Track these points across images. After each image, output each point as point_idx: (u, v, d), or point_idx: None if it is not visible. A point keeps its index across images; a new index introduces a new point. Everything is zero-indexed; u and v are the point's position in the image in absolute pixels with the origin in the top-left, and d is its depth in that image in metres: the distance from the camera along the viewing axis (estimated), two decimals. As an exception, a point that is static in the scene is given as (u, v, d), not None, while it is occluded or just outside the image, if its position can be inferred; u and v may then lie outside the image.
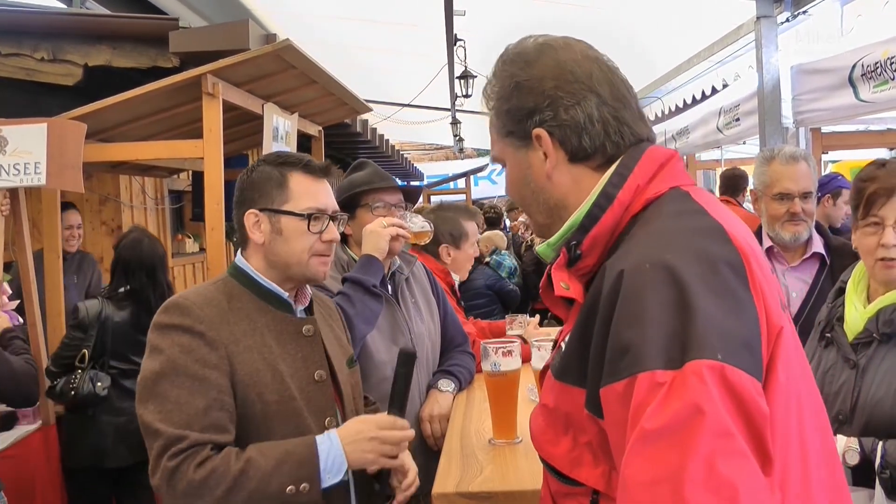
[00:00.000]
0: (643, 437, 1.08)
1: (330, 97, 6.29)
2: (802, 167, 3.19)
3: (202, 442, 1.87)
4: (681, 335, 1.10)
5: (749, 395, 1.08)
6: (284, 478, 1.88)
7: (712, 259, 1.19)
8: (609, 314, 1.19)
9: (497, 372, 2.53)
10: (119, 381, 4.31)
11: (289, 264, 2.11)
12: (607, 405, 1.18)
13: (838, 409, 2.43)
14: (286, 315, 2.14)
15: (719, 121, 7.52)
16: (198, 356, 1.94)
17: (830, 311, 2.60)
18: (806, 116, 5.90)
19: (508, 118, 1.46)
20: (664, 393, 1.08)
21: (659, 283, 1.16)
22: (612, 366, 1.17)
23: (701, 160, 11.34)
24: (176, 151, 4.97)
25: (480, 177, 20.64)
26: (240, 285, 2.12)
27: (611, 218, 1.34)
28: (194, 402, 1.90)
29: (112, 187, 6.74)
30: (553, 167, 1.42)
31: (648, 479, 1.06)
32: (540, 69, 1.42)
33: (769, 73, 5.97)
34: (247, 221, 2.12)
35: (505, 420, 2.55)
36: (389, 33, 9.16)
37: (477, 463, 2.37)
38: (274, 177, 2.12)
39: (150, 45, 5.34)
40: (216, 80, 4.43)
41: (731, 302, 1.15)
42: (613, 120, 1.40)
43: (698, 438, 1.04)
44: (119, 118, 4.92)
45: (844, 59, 5.31)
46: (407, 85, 11.01)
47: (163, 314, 2.00)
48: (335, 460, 1.95)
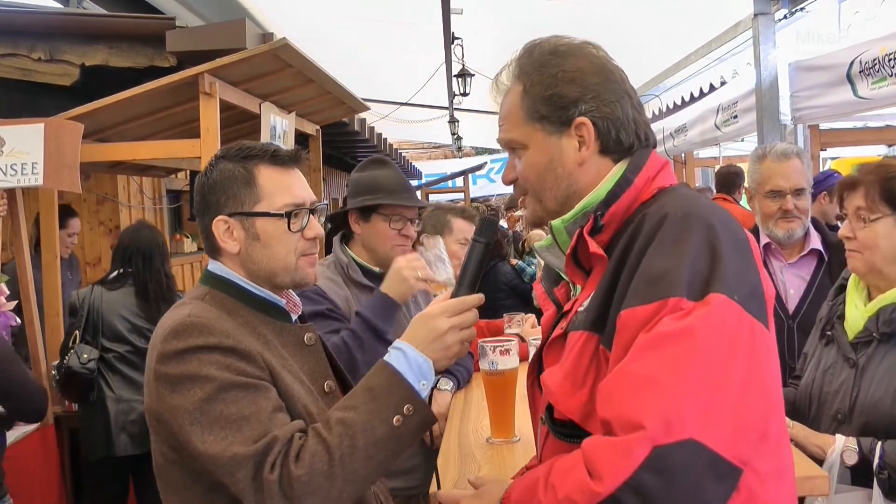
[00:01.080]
0: (655, 339, 1.27)
1: (327, 96, 6.28)
2: (794, 164, 3.19)
3: (290, 437, 1.63)
4: (707, 275, 1.31)
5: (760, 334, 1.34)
6: (384, 413, 1.66)
7: (733, 226, 1.42)
8: (644, 247, 1.37)
9: (495, 371, 2.52)
10: (117, 367, 4.42)
11: (274, 271, 1.87)
12: (623, 327, 1.33)
13: (837, 408, 2.43)
14: (285, 324, 1.92)
15: (717, 118, 7.53)
16: (239, 370, 1.69)
17: (831, 309, 2.59)
18: (804, 113, 5.91)
19: (547, 103, 1.55)
20: (684, 312, 1.27)
21: (696, 229, 1.36)
22: (641, 290, 1.33)
23: (699, 158, 11.34)
24: (173, 151, 4.98)
25: (478, 175, 20.61)
26: (230, 297, 1.86)
27: (626, 199, 1.50)
28: (262, 407, 1.66)
29: (110, 187, 6.73)
30: (588, 156, 1.54)
31: (648, 378, 1.24)
32: (582, 64, 1.55)
33: (767, 70, 5.98)
34: (216, 230, 1.85)
35: (503, 419, 2.54)
36: (387, 32, 9.16)
37: (475, 462, 2.36)
38: (239, 174, 1.86)
39: (147, 45, 5.32)
40: (213, 79, 4.43)
41: (747, 259, 1.39)
42: (641, 122, 1.57)
43: (703, 344, 1.25)
44: (116, 118, 4.93)
45: (842, 55, 5.32)
46: (405, 83, 11.02)
47: (177, 340, 1.70)
48: (420, 366, 1.72)
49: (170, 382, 1.69)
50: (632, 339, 1.31)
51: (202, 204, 1.90)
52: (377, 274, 2.96)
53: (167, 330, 1.73)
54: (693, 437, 1.20)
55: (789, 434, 2.38)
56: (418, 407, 1.69)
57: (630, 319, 1.32)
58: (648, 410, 1.22)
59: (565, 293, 1.68)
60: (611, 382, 1.31)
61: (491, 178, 22.13)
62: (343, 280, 2.92)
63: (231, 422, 1.63)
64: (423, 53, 9.56)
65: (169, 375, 1.69)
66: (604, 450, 1.26)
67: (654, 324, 1.28)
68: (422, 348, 1.73)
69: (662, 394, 1.23)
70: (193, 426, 1.64)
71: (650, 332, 1.28)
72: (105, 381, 4.41)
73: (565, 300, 1.66)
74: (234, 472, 1.60)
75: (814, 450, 2.34)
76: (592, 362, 1.43)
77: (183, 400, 1.66)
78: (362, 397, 1.69)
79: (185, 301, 1.87)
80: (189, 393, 1.66)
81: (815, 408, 2.53)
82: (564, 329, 1.55)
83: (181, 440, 1.67)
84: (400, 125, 13.50)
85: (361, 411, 1.67)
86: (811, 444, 2.36)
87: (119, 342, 4.43)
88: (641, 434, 1.21)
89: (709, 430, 1.21)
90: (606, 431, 1.29)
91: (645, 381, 1.25)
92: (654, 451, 1.20)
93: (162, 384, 1.70)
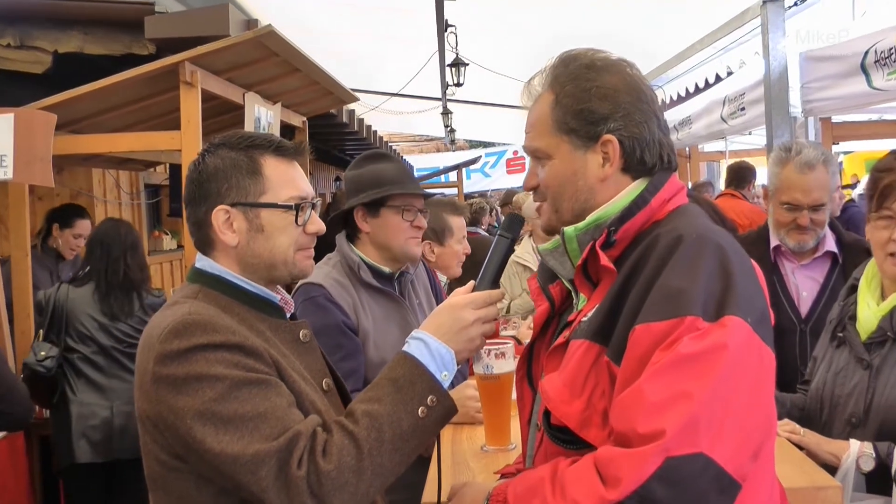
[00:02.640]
0: (676, 360, 1.37)
1: (314, 86, 6.28)
2: (817, 176, 3.07)
3: (312, 431, 1.64)
4: (720, 296, 1.42)
5: (767, 359, 1.46)
6: (410, 405, 1.70)
7: (740, 250, 1.54)
8: (659, 266, 1.47)
9: (490, 375, 2.51)
10: (81, 369, 4.44)
11: (273, 264, 1.88)
12: (636, 343, 1.43)
13: (851, 412, 2.43)
14: (280, 321, 1.93)
15: (723, 110, 7.53)
16: (248, 367, 1.68)
17: (842, 310, 2.59)
18: (815, 105, 5.90)
19: (577, 117, 1.64)
20: (702, 332, 1.38)
21: (710, 251, 1.48)
22: (657, 307, 1.43)
23: (704, 151, 11.38)
24: (152, 143, 4.96)
25: (473, 169, 20.61)
26: (223, 295, 1.85)
27: (641, 218, 1.60)
28: (277, 403, 1.66)
29: (84, 181, 6.70)
30: (611, 173, 1.64)
31: (667, 396, 1.35)
32: (616, 82, 1.65)
33: (776, 60, 5.98)
34: (215, 220, 1.84)
35: (498, 425, 2.54)
36: (377, 19, 9.14)
37: (469, 471, 2.35)
38: (242, 163, 1.86)
39: (125, 31, 5.31)
40: (194, 68, 4.42)
41: (756, 283, 1.53)
42: (665, 144, 1.68)
43: (720, 366, 1.37)
44: (91, 108, 4.90)
45: (857, 44, 5.31)
46: (396, 73, 11.00)
47: (178, 339, 1.68)
48: (442, 357, 1.76)
49: (174, 384, 1.66)
50: (645, 354, 1.42)
51: (198, 193, 1.88)
52: (387, 275, 2.97)
53: (166, 329, 1.70)
54: (703, 452, 1.33)
55: (801, 442, 2.39)
56: (441, 398, 1.73)
57: (644, 334, 1.43)
58: (667, 421, 1.34)
59: (560, 290, 1.79)
60: (628, 398, 1.41)
61: (486, 172, 22.18)
62: (351, 282, 2.90)
63: (248, 419, 1.62)
64: (416, 41, 9.54)
65: (172, 377, 1.66)
66: (618, 458, 1.37)
67: (672, 342, 1.39)
68: (446, 339, 1.78)
69: (680, 409, 1.35)
70: (206, 427, 1.62)
71: (669, 351, 1.39)
72: (69, 385, 4.42)
73: (559, 297, 1.79)
74: (256, 471, 1.59)
75: (827, 458, 2.34)
76: (592, 371, 1.54)
77: (191, 401, 1.64)
78: (386, 388, 1.72)
79: (177, 300, 1.85)
80: (198, 393, 1.64)
81: (827, 412, 2.53)
82: (567, 338, 1.63)
83: (190, 444, 1.65)
84: (390, 117, 13.48)
85: (386, 403, 1.70)
86: (824, 451, 2.36)
87: (85, 342, 4.44)
88: (657, 444, 1.33)
89: (717, 446, 1.34)
90: (619, 443, 1.40)
91: (664, 399, 1.36)
92: (665, 462, 1.32)
93: (164, 386, 1.67)
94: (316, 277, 2.83)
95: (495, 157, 22.58)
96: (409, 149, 23.99)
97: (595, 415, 1.52)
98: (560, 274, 1.77)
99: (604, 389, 1.52)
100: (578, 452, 1.52)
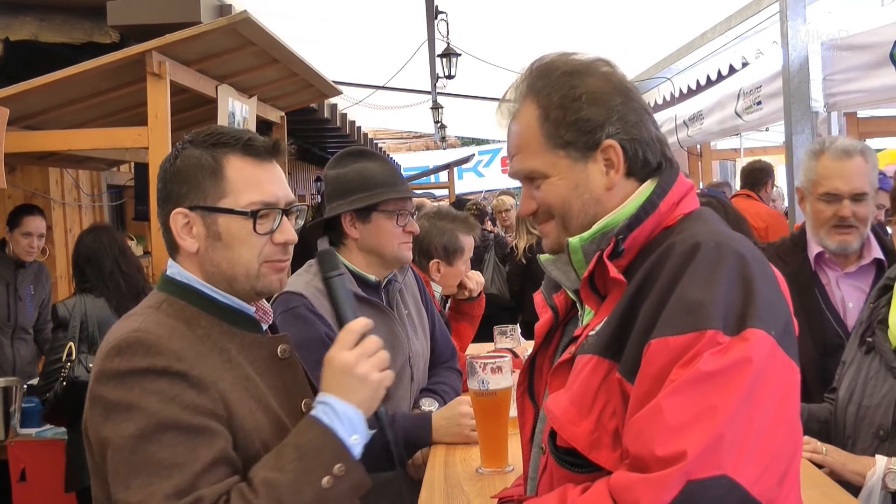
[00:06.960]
0: (696, 377, 1.38)
1: (294, 78, 6.28)
2: (857, 163, 3.07)
3: (216, 498, 1.64)
4: (741, 308, 1.43)
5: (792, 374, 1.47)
6: (313, 474, 1.70)
7: (761, 257, 1.55)
8: (675, 276, 1.48)
9: (486, 391, 2.52)
10: None
11: (234, 276, 1.85)
12: (652, 359, 1.44)
13: (879, 424, 2.43)
14: (255, 335, 1.91)
15: (738, 104, 7.55)
16: (186, 403, 1.67)
17: (872, 313, 2.58)
18: (839, 99, 5.92)
19: (572, 128, 1.65)
20: (723, 347, 1.39)
21: (729, 260, 1.48)
22: (674, 321, 1.44)
23: (717, 149, 11.38)
24: (116, 141, 4.96)
25: (465, 169, 20.66)
26: (190, 305, 1.85)
27: (650, 224, 1.62)
28: (199, 456, 1.65)
29: (40, 182, 6.71)
30: (617, 179, 1.66)
31: (688, 416, 1.36)
32: (603, 84, 1.67)
33: (796, 50, 6.00)
34: (173, 224, 1.85)
35: (494, 446, 2.55)
36: (362, 5, 9.16)
37: (463, 495, 2.37)
38: (205, 163, 1.84)
39: (85, 17, 5.30)
40: (162, 58, 4.42)
41: (778, 292, 1.54)
42: (664, 140, 1.72)
43: (743, 383, 1.37)
44: (48, 102, 4.90)
45: (885, 33, 5.34)
46: (381, 64, 11.00)
47: (119, 357, 1.69)
48: (350, 419, 1.77)
49: (104, 407, 1.69)
50: (662, 370, 1.42)
51: (164, 193, 1.89)
52: (373, 284, 2.98)
53: (110, 344, 1.72)
54: (727, 474, 1.33)
55: (823, 462, 2.40)
56: (351, 468, 1.74)
57: (661, 349, 1.44)
58: (688, 442, 1.34)
59: (564, 300, 1.82)
60: (645, 418, 1.41)
61: (479, 171, 22.20)
62: None
63: (162, 468, 1.62)
64: (403, 30, 9.55)
65: (104, 399, 1.69)
66: (636, 484, 1.37)
67: (692, 358, 1.40)
68: (342, 393, 1.79)
69: (702, 429, 1.35)
70: (119, 466, 1.64)
71: (689, 368, 1.39)
72: None
73: (563, 307, 1.82)
74: None
75: (852, 477, 2.35)
76: (601, 389, 1.55)
77: (113, 433, 1.66)
78: (290, 455, 1.72)
79: (136, 311, 1.86)
80: (122, 425, 1.65)
81: (853, 423, 2.54)
82: (573, 354, 1.65)
83: (107, 475, 1.68)
84: (376, 112, 13.48)
85: (288, 471, 1.69)
86: (849, 471, 2.37)
87: None
88: (677, 467, 1.33)
89: (741, 468, 1.34)
90: (636, 467, 1.40)
91: (685, 419, 1.36)
92: (687, 486, 1.32)
93: (96, 407, 1.70)
94: (296, 286, 2.83)
95: (489, 156, 22.61)
96: (397, 146, 23.97)
97: (605, 435, 1.53)
98: (564, 284, 1.78)
99: (615, 408, 1.52)
100: (588, 476, 1.53)
